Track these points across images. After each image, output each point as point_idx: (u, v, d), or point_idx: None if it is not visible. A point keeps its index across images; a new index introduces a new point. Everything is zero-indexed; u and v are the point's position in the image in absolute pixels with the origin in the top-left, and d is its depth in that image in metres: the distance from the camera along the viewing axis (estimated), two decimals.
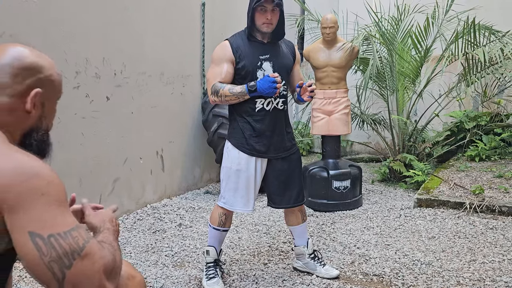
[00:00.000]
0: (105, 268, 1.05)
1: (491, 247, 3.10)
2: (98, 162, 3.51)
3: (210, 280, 2.50)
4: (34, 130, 1.16)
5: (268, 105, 2.41)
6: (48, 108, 1.19)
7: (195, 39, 4.67)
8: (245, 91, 2.26)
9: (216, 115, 4.39)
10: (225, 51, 2.37)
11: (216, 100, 2.31)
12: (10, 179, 0.98)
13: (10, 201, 0.97)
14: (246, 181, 2.45)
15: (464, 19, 4.50)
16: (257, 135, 2.42)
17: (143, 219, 3.71)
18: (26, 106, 1.11)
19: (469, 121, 5.63)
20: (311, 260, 2.69)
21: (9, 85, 1.09)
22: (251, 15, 2.32)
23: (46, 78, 1.15)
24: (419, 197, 4.10)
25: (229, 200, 2.48)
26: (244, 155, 2.43)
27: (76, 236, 1.02)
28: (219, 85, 2.29)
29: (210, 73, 2.39)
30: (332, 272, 2.66)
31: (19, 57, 1.11)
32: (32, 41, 2.92)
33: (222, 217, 2.51)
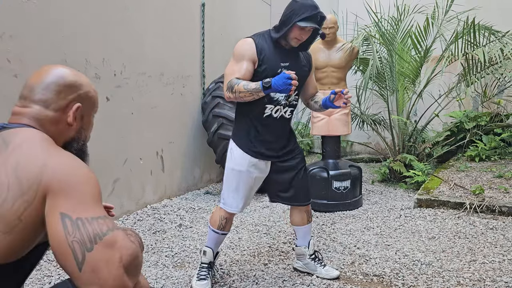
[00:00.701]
0: (126, 260, 1.07)
1: (491, 247, 3.10)
2: (98, 163, 3.51)
3: (200, 281, 2.49)
4: (75, 140, 1.33)
5: (276, 113, 2.39)
6: (86, 121, 1.36)
7: (195, 39, 4.67)
8: (260, 87, 2.17)
9: (216, 115, 4.38)
10: (249, 49, 2.28)
11: (231, 96, 2.23)
12: (59, 169, 1.11)
13: (55, 186, 1.09)
14: (247, 182, 2.43)
15: (464, 19, 4.51)
16: (261, 140, 2.40)
17: (143, 220, 3.71)
18: (68, 119, 1.28)
19: (469, 121, 5.64)
20: (311, 260, 2.68)
21: (54, 101, 1.26)
22: (289, 27, 2.24)
23: (85, 94, 1.32)
24: (419, 197, 4.10)
25: (228, 201, 2.47)
26: (247, 156, 2.40)
27: (102, 223, 1.09)
28: (235, 81, 2.22)
29: (229, 68, 2.30)
30: (332, 272, 2.66)
31: (62, 76, 1.28)
32: (32, 41, 2.92)
33: (223, 220, 2.49)
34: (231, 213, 2.50)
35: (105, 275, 1.03)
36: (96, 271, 1.03)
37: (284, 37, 2.30)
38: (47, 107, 1.25)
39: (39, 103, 1.25)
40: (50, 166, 1.11)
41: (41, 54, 2.96)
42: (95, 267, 1.03)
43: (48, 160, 1.12)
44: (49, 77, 1.27)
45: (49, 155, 1.14)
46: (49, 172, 1.10)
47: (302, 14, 2.20)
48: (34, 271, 2.69)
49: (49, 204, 1.08)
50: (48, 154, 1.14)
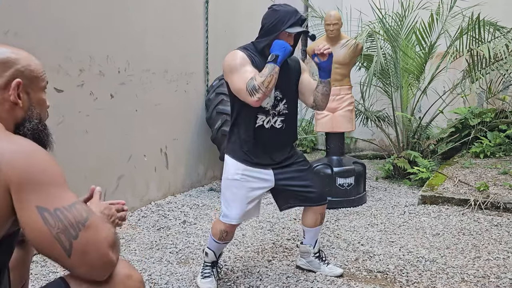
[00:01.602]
0: (109, 239, 1.13)
1: (496, 244, 3.09)
2: (102, 160, 3.53)
3: (204, 279, 2.50)
4: (26, 120, 1.23)
5: (268, 124, 2.34)
6: (35, 98, 1.26)
7: (199, 36, 4.67)
8: (271, 65, 2.13)
9: (220, 112, 4.39)
10: (244, 57, 2.25)
11: (260, 96, 2.12)
12: (12, 158, 1.06)
13: (15, 179, 1.05)
14: (244, 191, 2.36)
15: (468, 15, 4.47)
16: (256, 151, 2.35)
17: (147, 216, 3.72)
18: (11, 97, 1.18)
19: (473, 118, 5.61)
20: (315, 258, 2.67)
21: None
22: (276, 35, 2.23)
23: (25, 68, 1.22)
24: (424, 194, 4.09)
25: (227, 212, 2.40)
26: (241, 165, 2.35)
27: (80, 208, 1.11)
28: (251, 82, 2.13)
29: (238, 81, 2.19)
30: (335, 270, 2.65)
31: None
32: (36, 39, 2.93)
33: (224, 233, 2.44)
34: (232, 225, 2.42)
35: (94, 256, 1.09)
36: (85, 254, 1.08)
37: (270, 46, 2.23)
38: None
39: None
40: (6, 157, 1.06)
41: (45, 51, 2.97)
42: (83, 251, 1.08)
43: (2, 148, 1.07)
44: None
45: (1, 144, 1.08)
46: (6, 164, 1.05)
47: (288, 21, 2.23)
48: (39, 267, 2.71)
49: (17, 199, 1.06)
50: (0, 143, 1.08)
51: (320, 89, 2.37)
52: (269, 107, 2.33)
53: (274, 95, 2.33)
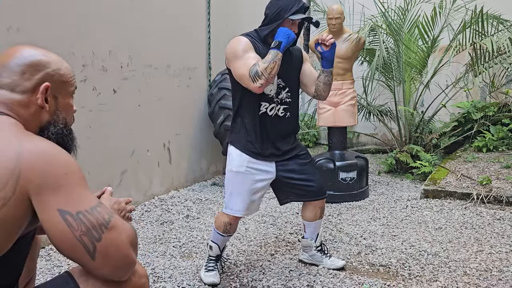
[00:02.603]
0: (130, 239, 1.15)
1: (498, 237, 3.10)
2: (106, 155, 3.54)
3: (208, 272, 2.51)
4: (51, 124, 1.22)
5: (272, 111, 2.35)
6: (62, 102, 1.24)
7: (201, 31, 4.67)
8: (275, 51, 2.14)
9: (222, 107, 4.39)
10: (247, 43, 2.25)
11: (263, 82, 2.11)
12: (33, 160, 1.05)
13: (35, 181, 1.04)
14: (249, 184, 2.37)
15: (472, 9, 4.45)
16: (259, 139, 2.35)
17: (150, 211, 3.74)
18: (38, 101, 1.17)
19: (476, 112, 5.59)
20: (317, 252, 2.68)
21: (19, 83, 1.16)
22: (280, 22, 2.23)
23: (55, 72, 1.21)
24: (426, 188, 4.10)
25: (230, 204, 2.41)
26: (246, 157, 2.36)
27: (101, 211, 1.11)
28: (254, 68, 2.12)
29: (241, 67, 2.17)
30: (338, 263, 2.66)
31: (25, 56, 1.19)
32: (38, 34, 2.94)
33: (228, 226, 2.45)
34: (236, 217, 2.44)
35: (117, 257, 1.10)
36: (108, 256, 1.09)
37: (273, 34, 2.24)
38: (13, 90, 1.16)
39: (4, 87, 1.16)
40: (26, 157, 1.04)
41: (47, 47, 2.96)
42: (106, 252, 1.09)
43: (22, 149, 1.05)
44: (13, 59, 1.18)
45: (21, 144, 1.07)
46: (26, 165, 1.04)
47: (291, 8, 2.23)
48: (44, 261, 2.73)
49: (38, 202, 1.05)
50: (20, 143, 1.07)
51: (322, 79, 2.37)
52: (272, 94, 2.34)
53: (277, 82, 2.33)
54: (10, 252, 1.10)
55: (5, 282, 1.19)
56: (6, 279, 1.19)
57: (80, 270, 1.17)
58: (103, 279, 1.13)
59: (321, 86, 2.39)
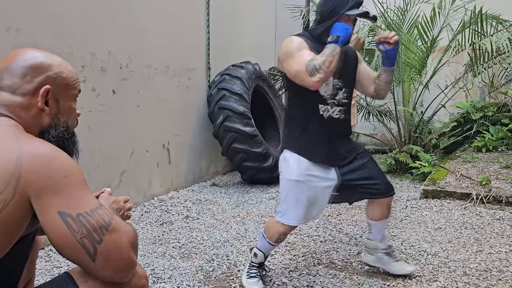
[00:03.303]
0: (131, 241, 1.15)
1: (498, 237, 3.10)
2: (105, 156, 3.54)
3: (250, 279, 2.41)
4: (52, 127, 1.21)
5: (328, 113, 2.24)
6: (64, 106, 1.23)
7: (200, 31, 4.67)
8: (333, 45, 2.03)
9: (221, 107, 4.39)
10: (302, 42, 2.14)
11: (321, 76, 1.98)
12: (33, 162, 1.04)
13: (36, 184, 1.04)
14: (308, 192, 2.25)
15: (471, 9, 4.46)
16: (318, 144, 2.24)
17: (150, 212, 3.74)
18: (38, 103, 1.17)
19: (476, 112, 5.60)
20: (384, 255, 2.52)
21: (20, 85, 1.16)
22: (336, 19, 2.13)
23: (57, 75, 1.20)
24: (426, 188, 4.10)
25: (289, 213, 2.28)
26: (305, 164, 2.24)
27: (102, 213, 1.11)
28: (311, 62, 2.01)
29: (296, 64, 2.06)
30: (407, 267, 2.51)
31: (27, 58, 1.18)
32: (38, 35, 2.94)
33: (282, 235, 2.35)
34: (292, 227, 2.33)
35: (118, 259, 1.10)
36: (109, 258, 1.09)
37: (328, 32, 2.12)
38: (14, 92, 1.16)
39: (5, 89, 1.16)
40: (26, 160, 1.04)
41: (47, 47, 2.97)
42: (107, 255, 1.09)
43: (23, 151, 1.05)
44: (15, 61, 1.18)
45: (21, 146, 1.06)
46: (27, 167, 1.03)
47: (348, 4, 2.13)
48: (43, 262, 2.73)
49: (39, 205, 1.05)
50: (20, 145, 1.06)
51: (383, 78, 2.32)
52: (327, 96, 2.24)
53: (332, 83, 2.23)
54: (10, 253, 1.10)
55: (5, 283, 1.18)
56: (6, 280, 1.19)
57: (79, 270, 1.16)
58: (104, 281, 1.13)
59: (382, 86, 2.33)
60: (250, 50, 5.42)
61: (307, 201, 2.26)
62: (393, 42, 2.22)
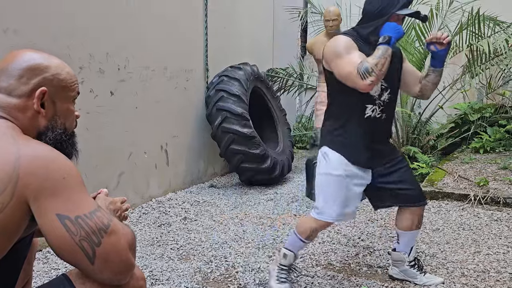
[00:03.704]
0: (129, 243, 1.15)
1: (496, 238, 3.10)
2: (103, 157, 3.53)
3: (281, 284, 2.33)
4: (49, 129, 1.20)
5: (374, 113, 2.20)
6: (61, 108, 1.22)
7: (198, 33, 4.67)
8: (385, 47, 1.98)
9: (220, 109, 4.39)
10: (351, 42, 2.10)
11: (373, 79, 1.94)
12: (31, 164, 1.04)
13: (34, 186, 1.03)
14: (346, 188, 2.21)
15: (468, 10, 4.47)
16: (361, 143, 2.21)
17: (148, 213, 3.73)
18: (34, 105, 1.16)
19: (473, 113, 5.61)
20: (410, 268, 2.45)
21: (16, 86, 1.15)
22: (386, 18, 2.08)
23: (53, 77, 1.19)
24: (423, 189, 4.09)
25: (325, 210, 2.24)
26: (345, 161, 2.20)
27: (101, 216, 1.10)
28: (363, 64, 1.96)
29: (346, 65, 2.01)
30: (435, 280, 2.45)
31: (25, 60, 1.17)
32: (36, 36, 2.93)
33: (314, 232, 2.29)
34: (327, 223, 2.29)
35: (116, 262, 1.10)
36: (108, 261, 1.09)
37: (376, 32, 2.08)
38: (10, 94, 1.15)
39: (1, 90, 1.15)
40: (24, 162, 1.03)
41: (44, 48, 2.96)
42: (106, 257, 1.08)
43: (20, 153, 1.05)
44: (12, 63, 1.17)
45: (19, 148, 1.06)
46: (24, 169, 1.03)
47: (399, 3, 2.08)
48: (41, 264, 2.72)
49: (37, 207, 1.04)
50: (18, 147, 1.06)
51: (431, 79, 2.28)
52: (376, 96, 2.19)
53: (380, 83, 2.19)
54: (7, 255, 1.10)
55: (2, 285, 1.18)
56: (3, 282, 1.19)
57: (77, 272, 1.16)
58: (102, 283, 1.13)
59: (429, 86, 2.30)
60: (248, 52, 5.42)
61: (344, 198, 2.22)
62: (446, 43, 2.17)
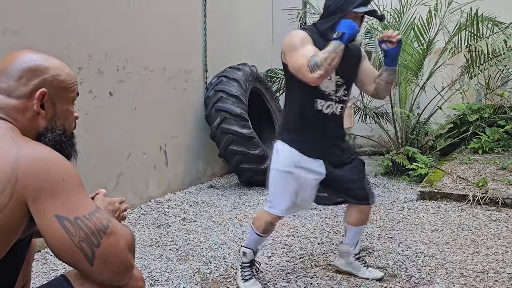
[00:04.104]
0: (128, 244, 1.14)
1: (495, 239, 3.11)
2: (102, 158, 3.53)
3: (247, 282, 2.40)
4: (49, 130, 1.19)
5: (328, 109, 2.25)
6: (61, 109, 1.22)
7: (197, 33, 4.67)
8: (337, 42, 2.00)
9: (219, 109, 4.39)
10: (307, 36, 2.13)
11: (322, 73, 1.97)
12: (30, 165, 1.04)
13: (32, 187, 1.03)
14: (296, 183, 2.27)
15: (467, 11, 4.48)
16: (312, 138, 2.26)
17: (147, 214, 3.73)
18: (34, 106, 1.16)
19: (472, 114, 5.62)
20: (355, 260, 2.55)
21: (15, 87, 1.15)
22: (343, 15, 2.11)
23: (54, 78, 1.19)
24: (422, 189, 4.11)
25: (274, 203, 2.31)
26: (295, 154, 2.25)
27: (100, 217, 1.10)
28: (313, 58, 1.99)
29: (298, 58, 2.05)
30: (376, 274, 2.54)
31: (24, 61, 1.17)
32: (35, 37, 2.93)
33: (269, 225, 2.36)
34: (278, 217, 2.35)
35: (116, 263, 1.10)
36: (107, 262, 1.09)
37: (334, 28, 2.10)
38: (9, 95, 1.14)
39: (1, 91, 1.15)
40: (23, 163, 1.03)
41: (44, 49, 2.96)
42: (105, 258, 1.08)
43: (20, 154, 1.05)
44: (12, 63, 1.16)
45: (19, 149, 1.06)
46: (23, 171, 1.03)
47: (356, 1, 2.11)
48: (40, 264, 2.72)
49: (36, 208, 1.04)
50: (18, 148, 1.06)
51: (384, 77, 2.30)
52: (329, 91, 2.24)
53: (335, 79, 2.23)
54: (6, 256, 1.10)
55: (1, 286, 1.18)
56: (2, 282, 1.18)
57: (76, 273, 1.16)
58: (102, 284, 1.13)
59: (382, 85, 2.32)
60: (247, 52, 5.42)
61: (294, 192, 2.28)
62: (396, 41, 2.20)
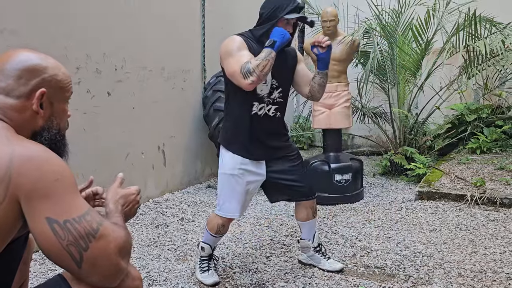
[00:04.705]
0: (119, 248, 1.13)
1: (493, 239, 3.11)
2: (100, 157, 3.52)
3: (204, 273, 2.53)
4: (45, 129, 1.20)
5: (261, 110, 2.35)
6: (58, 108, 1.23)
7: (195, 33, 4.67)
8: (268, 50, 2.12)
9: (217, 109, 4.38)
10: (242, 42, 2.25)
11: (254, 79, 2.09)
12: (24, 165, 1.03)
13: (26, 187, 1.03)
14: (241, 186, 2.39)
15: (465, 11, 4.48)
16: (250, 139, 2.36)
17: (145, 214, 3.73)
18: (33, 106, 1.16)
19: (470, 114, 5.63)
20: (316, 253, 2.69)
21: (14, 87, 1.15)
22: (275, 22, 2.24)
23: (52, 78, 1.19)
24: (420, 189, 4.11)
25: (224, 207, 2.43)
26: (238, 158, 2.37)
27: (90, 220, 1.09)
28: (246, 65, 2.11)
29: (233, 64, 2.16)
30: (336, 265, 2.67)
31: (22, 60, 1.17)
32: (32, 37, 2.92)
33: (221, 227, 2.48)
34: (229, 219, 2.48)
35: (104, 266, 1.09)
36: (95, 265, 1.08)
37: (268, 33, 2.23)
38: (8, 95, 1.14)
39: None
40: (17, 162, 1.03)
41: (41, 49, 2.95)
42: (93, 262, 1.08)
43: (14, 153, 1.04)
44: (9, 63, 1.16)
45: (13, 148, 1.06)
46: (17, 170, 1.03)
47: (287, 7, 2.24)
48: (38, 265, 2.71)
49: (28, 208, 1.04)
50: (12, 147, 1.06)
51: (317, 80, 2.40)
52: (263, 94, 2.34)
53: (270, 82, 2.33)
54: (2, 255, 1.10)
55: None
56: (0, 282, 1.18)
57: None
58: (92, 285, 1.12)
59: (316, 88, 2.41)
60: None
61: (241, 194, 2.40)
62: (325, 46, 2.31)
